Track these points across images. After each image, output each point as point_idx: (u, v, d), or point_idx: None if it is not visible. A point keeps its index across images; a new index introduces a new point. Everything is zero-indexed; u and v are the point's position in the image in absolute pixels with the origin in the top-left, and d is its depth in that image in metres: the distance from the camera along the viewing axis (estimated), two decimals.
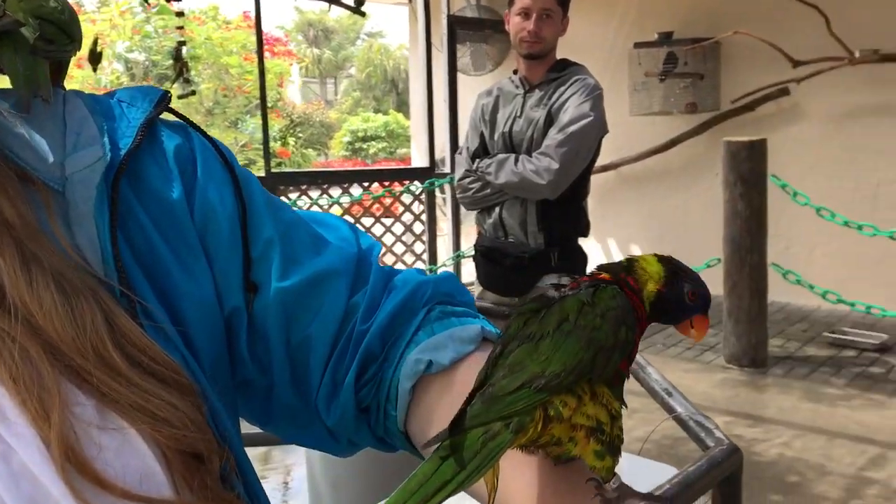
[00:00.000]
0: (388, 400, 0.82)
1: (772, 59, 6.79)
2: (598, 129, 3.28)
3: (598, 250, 8.52)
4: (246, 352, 0.80)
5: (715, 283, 5.84)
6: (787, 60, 6.69)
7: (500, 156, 3.36)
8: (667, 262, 0.78)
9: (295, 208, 0.89)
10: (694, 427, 1.95)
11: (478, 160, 3.45)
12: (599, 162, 8.00)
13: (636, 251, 8.39)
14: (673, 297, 0.78)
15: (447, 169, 7.68)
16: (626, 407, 0.74)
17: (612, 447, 0.71)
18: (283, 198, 7.51)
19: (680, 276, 0.78)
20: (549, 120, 3.29)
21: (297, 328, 0.81)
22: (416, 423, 0.82)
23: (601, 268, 0.79)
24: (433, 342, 0.82)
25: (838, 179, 6.92)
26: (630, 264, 0.78)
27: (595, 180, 8.46)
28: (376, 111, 28.55)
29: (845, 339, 6.13)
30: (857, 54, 6.36)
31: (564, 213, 3.34)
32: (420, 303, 0.86)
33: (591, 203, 3.67)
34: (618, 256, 8.57)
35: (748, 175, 5.52)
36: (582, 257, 3.45)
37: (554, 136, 3.23)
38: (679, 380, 5.37)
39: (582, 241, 3.53)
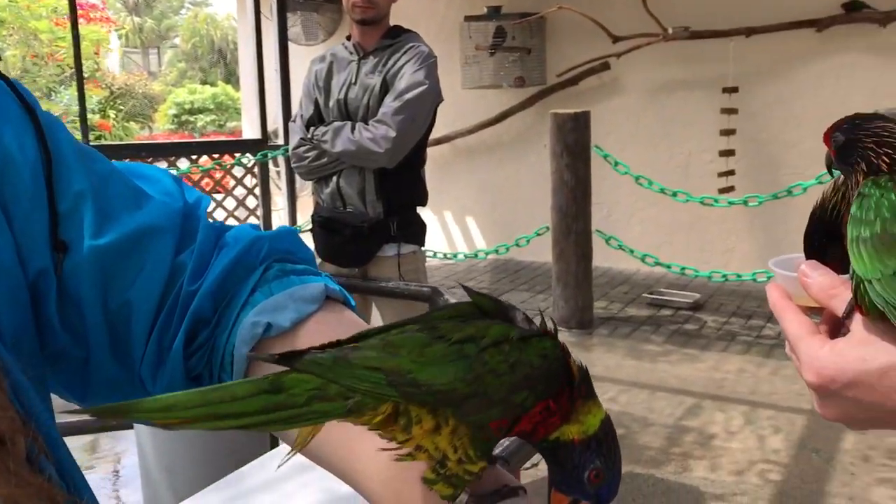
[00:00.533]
0: (222, 367, 0.76)
1: (594, 35, 7.09)
2: (433, 96, 3.30)
3: (434, 222, 8.62)
4: (56, 319, 0.71)
5: (544, 250, 6.09)
6: (607, 36, 7.01)
7: (336, 123, 3.30)
8: (605, 430, 0.66)
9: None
10: None
11: (312, 128, 3.37)
12: (434, 135, 8.09)
13: (471, 222, 8.59)
14: (574, 462, 0.65)
15: (280, 141, 7.48)
16: (492, 464, 0.66)
17: (451, 482, 0.63)
18: None
19: (601, 450, 0.65)
20: (385, 87, 3.27)
21: (115, 291, 0.73)
22: None
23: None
24: (272, 303, 0.76)
25: (654, 149, 7.37)
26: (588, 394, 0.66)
27: (430, 153, 8.50)
28: (204, 83, 27.44)
29: (663, 300, 6.57)
30: (670, 31, 6.76)
31: (403, 181, 3.34)
32: (256, 260, 0.80)
33: (428, 176, 3.69)
34: (454, 228, 8.72)
35: (573, 146, 5.75)
36: (421, 226, 3.47)
37: (390, 103, 3.21)
38: None
39: (420, 211, 3.54)
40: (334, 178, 3.37)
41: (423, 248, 3.47)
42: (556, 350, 0.63)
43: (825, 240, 0.88)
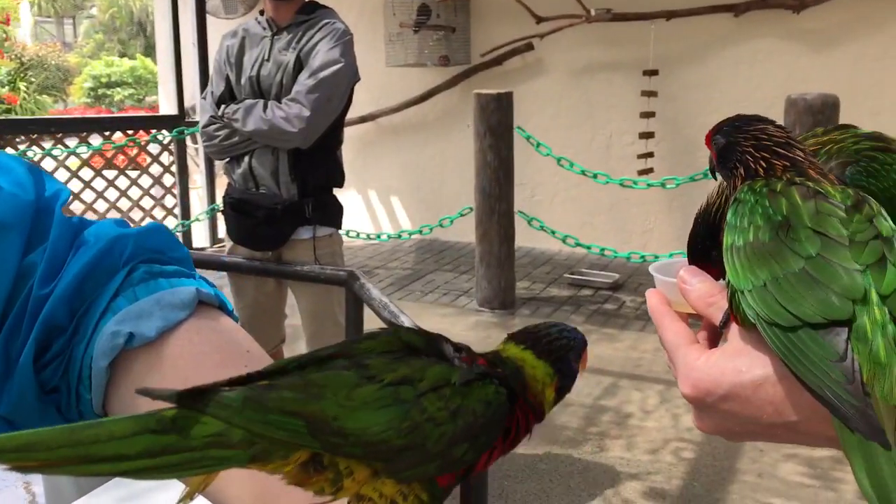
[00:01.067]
0: (80, 381, 0.69)
1: (518, 15, 7.07)
2: (349, 75, 3.21)
3: (358, 202, 8.53)
4: None
5: (468, 230, 6.08)
6: (531, 16, 7.00)
7: (248, 101, 3.19)
8: (546, 353, 0.65)
9: None
10: None
11: (223, 106, 3.25)
12: (357, 113, 7.99)
13: (396, 202, 8.52)
14: (568, 380, 0.67)
15: (198, 117, 7.26)
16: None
17: None
18: (9, 149, 6.72)
19: (563, 356, 0.66)
20: (299, 65, 3.17)
21: None
22: (118, 405, 0.69)
23: (493, 363, 0.63)
24: (135, 309, 0.69)
25: (576, 131, 7.43)
26: (520, 373, 0.63)
27: (354, 132, 8.42)
28: (122, 55, 26.56)
29: (583, 280, 6.66)
30: (592, 13, 6.80)
31: (317, 162, 3.25)
32: (119, 261, 0.72)
33: (351, 155, 3.62)
34: (378, 208, 8.64)
35: (496, 127, 5.74)
36: (337, 208, 3.39)
37: (304, 81, 3.11)
38: (436, 324, 5.55)
39: (339, 192, 3.47)
40: (246, 159, 3.26)
41: (339, 231, 3.40)
42: (499, 396, 0.57)
43: (708, 243, 0.86)
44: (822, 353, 0.64)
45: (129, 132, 7.39)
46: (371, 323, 2.26)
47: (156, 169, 7.59)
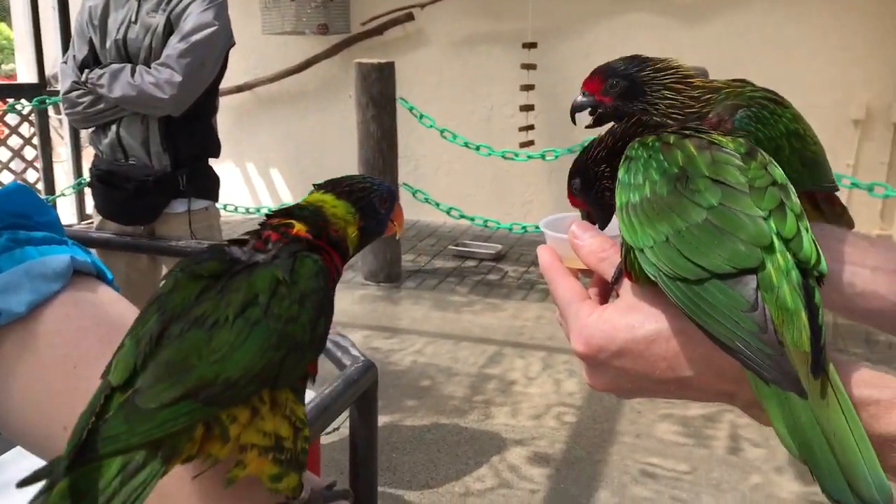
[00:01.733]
0: None
1: None
2: (223, 39, 3.06)
3: (236, 174, 8.26)
4: None
5: None
6: None
7: (114, 66, 2.99)
8: (346, 194, 0.70)
9: None
10: (331, 347, 1.94)
11: (87, 70, 3.04)
12: (233, 82, 7.70)
13: (276, 175, 8.31)
14: (372, 221, 0.72)
15: (60, 85, 6.81)
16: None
17: (296, 463, 0.58)
18: None
19: (364, 197, 0.71)
20: (169, 27, 2.99)
21: None
22: None
23: (290, 215, 0.66)
24: (1, 282, 0.64)
25: (459, 103, 7.44)
26: (320, 212, 0.67)
27: (230, 102, 8.12)
28: None
29: (467, 251, 6.71)
30: None
31: (191, 131, 3.09)
32: None
33: (227, 125, 3.47)
34: (257, 180, 8.40)
35: (378, 97, 5.66)
36: (213, 180, 3.24)
37: (175, 45, 2.95)
38: None
39: (215, 164, 3.32)
40: (113, 127, 3.07)
41: (216, 204, 3.26)
42: (316, 262, 0.61)
43: (586, 182, 0.84)
44: (731, 304, 0.63)
45: None
46: None
47: (15, 141, 7.08)
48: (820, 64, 6.36)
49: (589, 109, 0.89)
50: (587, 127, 0.86)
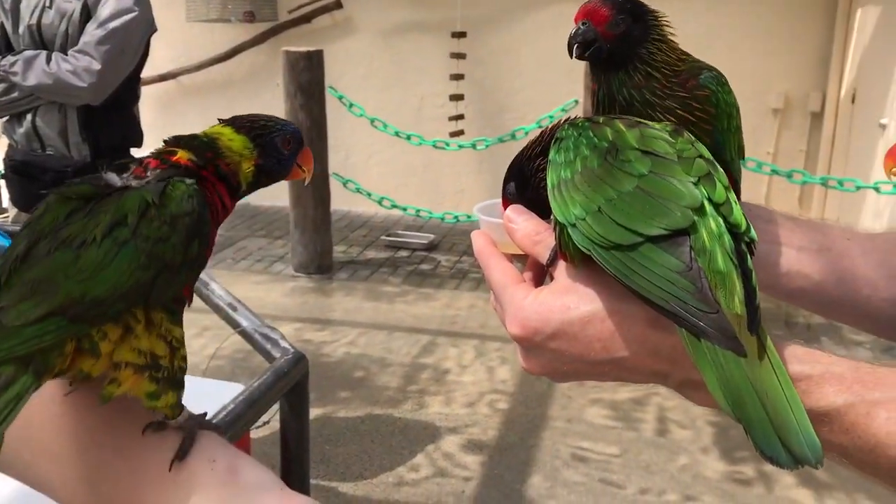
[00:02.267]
0: None
1: None
2: (144, 25, 2.97)
3: None
4: None
5: (281, 194, 5.91)
6: None
7: (28, 53, 2.87)
8: (246, 128, 0.71)
9: None
10: (260, 340, 1.91)
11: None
12: (156, 71, 7.50)
13: None
14: (272, 160, 0.71)
15: None
16: (182, 325, 0.62)
17: (174, 382, 0.59)
18: None
19: (265, 134, 0.70)
20: (86, 13, 2.89)
21: None
22: None
23: (179, 143, 0.67)
24: None
25: (389, 92, 7.40)
26: (213, 143, 0.68)
27: (154, 91, 7.91)
28: None
29: (399, 241, 6.69)
30: None
31: (111, 120, 2.99)
32: None
33: (151, 115, 3.37)
34: None
35: (307, 86, 5.59)
36: None
37: (93, 31, 2.84)
38: (250, 292, 5.38)
39: (138, 153, 3.22)
40: (29, 116, 2.95)
41: None
42: (190, 186, 0.60)
43: (521, 180, 0.83)
44: (665, 266, 0.63)
45: None
46: None
47: None
48: (739, 54, 6.53)
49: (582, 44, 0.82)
50: (579, 57, 0.82)
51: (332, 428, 3.75)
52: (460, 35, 6.80)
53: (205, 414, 0.64)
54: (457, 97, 6.78)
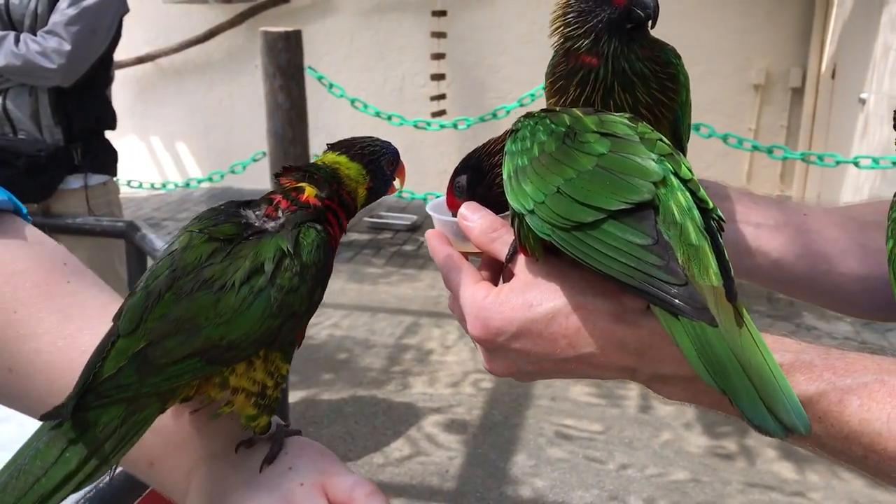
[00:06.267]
0: None
1: None
2: (115, 5, 2.91)
3: (140, 149, 7.97)
4: None
5: (263, 176, 5.86)
6: None
7: None
8: (359, 156, 0.74)
9: None
10: None
11: None
12: (133, 53, 7.40)
13: (183, 148, 8.05)
14: (379, 182, 0.76)
15: None
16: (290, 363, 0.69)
17: (270, 409, 0.67)
18: None
19: (375, 159, 0.75)
20: None
21: None
22: None
23: (304, 176, 0.71)
24: None
25: (369, 72, 7.34)
26: (335, 174, 0.72)
27: (131, 73, 7.81)
28: None
29: (382, 223, 6.67)
30: None
31: (84, 103, 2.94)
32: None
33: (129, 98, 3.33)
34: (162, 155, 8.12)
35: (286, 67, 5.52)
36: (111, 154, 3.10)
37: (64, 11, 2.79)
38: None
39: (115, 138, 3.18)
40: None
41: (115, 179, 3.12)
42: (320, 233, 0.66)
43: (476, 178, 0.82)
44: (630, 241, 0.61)
45: None
46: None
47: None
48: (721, 31, 6.52)
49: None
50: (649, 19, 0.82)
51: (315, 410, 3.74)
52: (441, 14, 6.74)
53: (288, 424, 0.72)
54: (438, 77, 6.74)
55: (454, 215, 0.81)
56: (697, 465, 3.36)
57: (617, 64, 0.82)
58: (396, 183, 0.79)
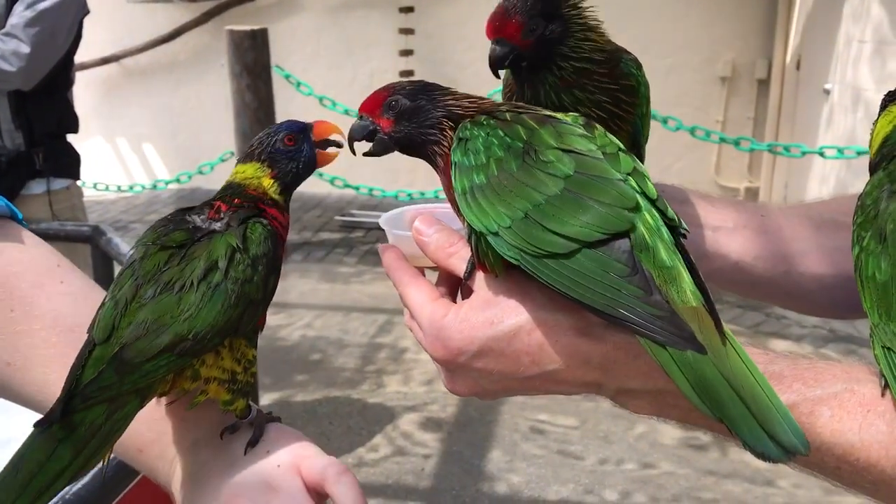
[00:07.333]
0: None
1: None
2: (76, 7, 2.86)
3: (106, 151, 7.86)
4: None
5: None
6: None
7: None
8: (249, 157, 0.78)
9: None
10: None
11: None
12: (98, 53, 7.29)
13: (150, 149, 7.95)
14: (284, 162, 0.77)
15: None
16: (256, 348, 0.74)
17: (244, 392, 0.72)
18: None
19: (264, 148, 0.77)
20: None
21: None
22: None
23: (225, 193, 0.76)
24: None
25: (337, 69, 7.29)
26: (234, 184, 0.76)
27: (95, 74, 7.70)
28: None
29: (354, 221, 6.64)
30: None
31: (45, 106, 2.88)
32: None
33: (94, 100, 3.27)
34: (129, 157, 8.01)
35: (253, 65, 5.48)
36: (73, 157, 3.05)
37: (22, 13, 2.73)
38: None
39: (78, 141, 3.12)
40: None
41: (78, 182, 3.07)
42: (264, 226, 0.71)
43: None
44: (607, 272, 0.60)
45: None
46: None
47: None
48: (688, 23, 6.56)
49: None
50: (501, 70, 0.80)
51: (289, 411, 3.71)
52: (408, 10, 6.72)
53: (271, 412, 0.78)
54: (407, 73, 6.71)
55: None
56: (672, 456, 3.38)
57: (537, 96, 0.80)
58: (329, 154, 0.80)
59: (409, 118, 0.73)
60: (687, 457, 3.37)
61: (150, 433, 0.75)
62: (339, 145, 0.80)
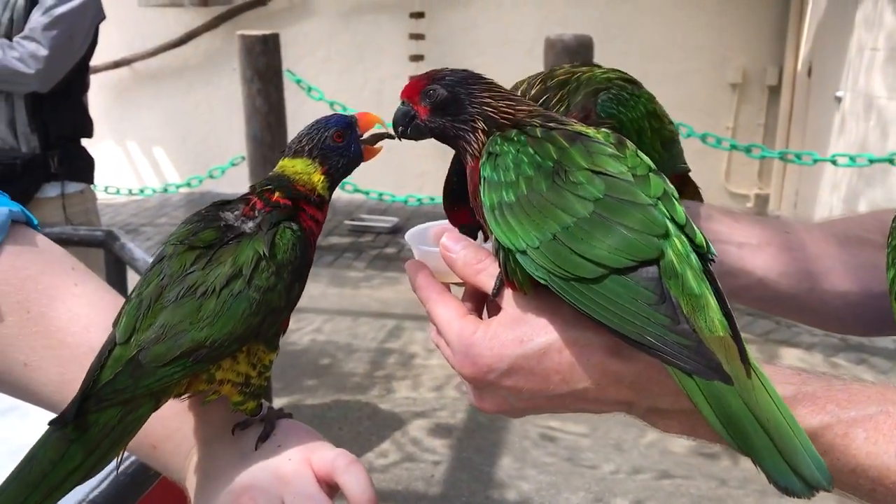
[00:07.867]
0: None
1: None
2: (92, 11, 2.87)
3: (117, 155, 7.89)
4: None
5: (241, 181, 5.82)
6: None
7: None
8: (299, 151, 0.76)
9: None
10: None
11: None
12: (110, 57, 7.33)
13: (160, 153, 7.98)
14: (335, 158, 0.77)
15: None
16: (278, 350, 0.74)
17: (256, 395, 0.73)
18: None
19: (315, 144, 0.76)
20: (31, 1, 2.79)
21: None
22: None
23: (270, 185, 0.74)
24: None
25: (348, 75, 7.31)
26: (282, 176, 0.75)
27: (107, 78, 7.74)
28: None
29: (363, 226, 6.64)
30: None
31: (61, 109, 2.90)
32: None
33: (105, 103, 3.28)
34: (140, 160, 8.04)
35: (264, 70, 5.50)
36: (88, 161, 3.06)
37: (39, 18, 2.75)
38: None
39: (91, 144, 3.13)
40: None
41: (92, 186, 3.08)
42: (294, 232, 0.70)
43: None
44: (636, 299, 0.59)
45: None
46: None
47: None
48: (698, 29, 6.56)
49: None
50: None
51: (298, 417, 3.66)
52: (419, 15, 6.73)
53: (281, 409, 0.79)
54: None
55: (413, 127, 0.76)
56: (683, 465, 3.37)
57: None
58: (374, 150, 0.80)
59: (444, 109, 0.73)
60: (698, 465, 3.36)
61: (165, 430, 0.77)
62: (381, 137, 0.80)
